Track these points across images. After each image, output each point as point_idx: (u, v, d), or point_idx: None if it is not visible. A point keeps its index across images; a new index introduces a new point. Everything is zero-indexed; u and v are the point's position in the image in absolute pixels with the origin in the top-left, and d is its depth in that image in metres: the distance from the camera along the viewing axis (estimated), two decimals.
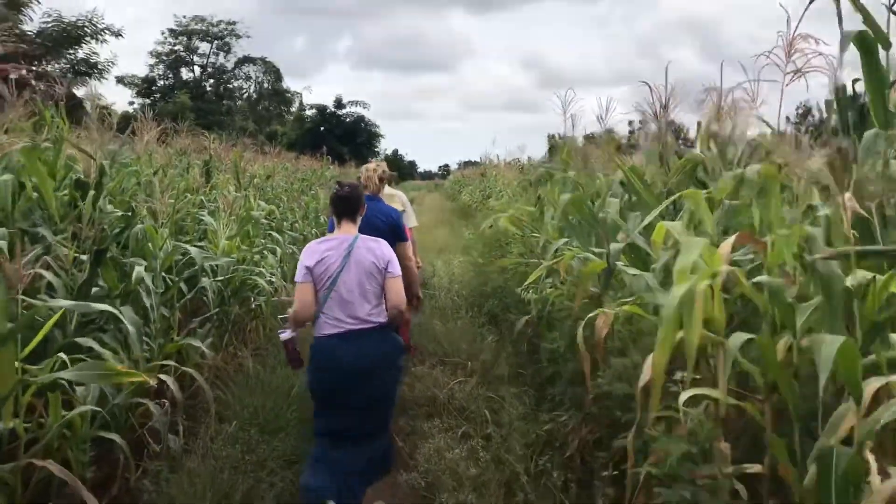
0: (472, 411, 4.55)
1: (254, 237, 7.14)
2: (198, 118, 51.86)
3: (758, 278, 2.76)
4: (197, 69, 56.99)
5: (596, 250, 3.94)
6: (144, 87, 53.92)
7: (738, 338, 2.49)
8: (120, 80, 22.57)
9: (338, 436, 3.61)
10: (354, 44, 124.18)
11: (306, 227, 11.65)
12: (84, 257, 4.70)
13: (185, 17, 55.57)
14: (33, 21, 19.23)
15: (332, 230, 4.44)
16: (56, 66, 20.75)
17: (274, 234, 8.34)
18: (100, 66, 21.67)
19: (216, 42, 57.28)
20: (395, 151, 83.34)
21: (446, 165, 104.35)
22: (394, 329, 3.83)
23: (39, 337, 3.34)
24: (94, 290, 4.73)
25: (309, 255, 3.65)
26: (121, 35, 21.46)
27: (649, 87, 3.54)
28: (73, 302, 3.71)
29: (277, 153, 12.72)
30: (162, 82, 56.09)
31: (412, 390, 5.03)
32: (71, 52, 20.58)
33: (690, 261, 2.63)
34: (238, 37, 56.22)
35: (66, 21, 19.93)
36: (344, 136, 55.06)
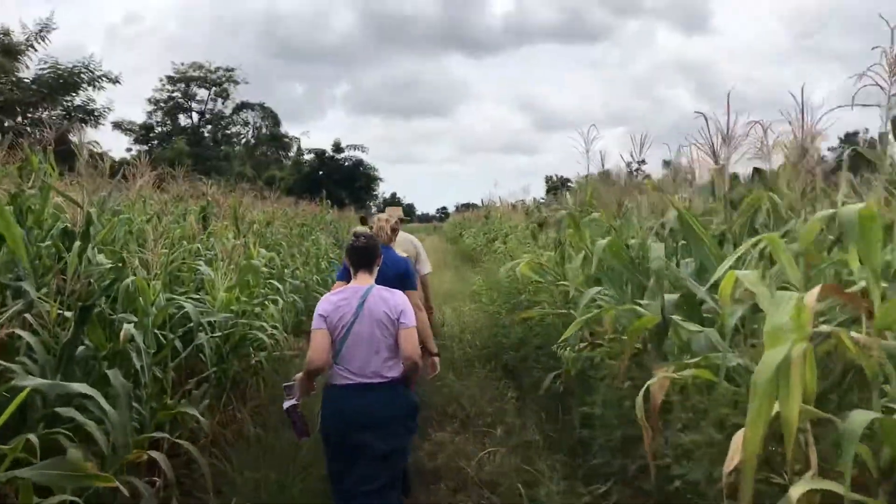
0: (503, 486, 4.04)
1: (254, 287, 6.69)
2: (195, 164, 51.83)
3: (856, 335, 2.33)
4: (195, 115, 57.10)
5: (643, 302, 3.50)
6: (142, 133, 53.95)
7: (860, 417, 2.04)
8: (117, 125, 22.39)
9: (347, 485, 3.57)
10: (352, 89, 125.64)
11: (308, 274, 11.21)
12: (69, 314, 4.26)
13: (183, 64, 55.71)
14: (29, 69, 19.09)
15: (341, 278, 4.50)
16: (52, 112, 20.54)
17: (275, 282, 7.89)
18: (96, 113, 21.45)
19: (214, 88, 57.45)
20: (394, 194, 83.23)
21: (444, 208, 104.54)
22: (408, 383, 3.69)
23: (7, 414, 2.86)
24: (79, 349, 4.29)
25: (324, 304, 3.65)
26: (118, 81, 21.33)
27: (705, 118, 3.14)
28: (43, 381, 3.26)
29: (276, 198, 12.33)
30: (160, 129, 56.15)
31: (433, 460, 4.53)
32: (67, 98, 20.36)
33: (783, 319, 2.20)
34: (236, 83, 56.40)
35: (63, 68, 19.74)
36: (342, 180, 54.90)
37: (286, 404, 3.64)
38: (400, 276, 4.52)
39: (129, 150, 52.04)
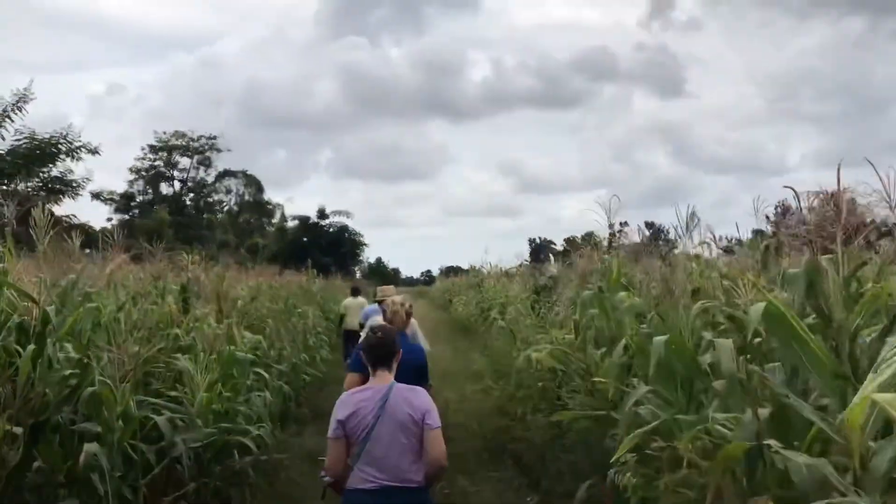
0: None
1: (238, 380, 5.99)
2: (177, 233, 51.22)
3: None
4: (177, 184, 56.65)
5: (720, 416, 2.86)
6: (123, 202, 53.31)
7: None
8: (96, 196, 21.73)
9: None
10: (335, 155, 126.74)
11: (295, 354, 10.47)
12: (18, 430, 3.59)
13: (165, 132, 55.50)
14: (5, 140, 18.50)
15: (355, 369, 4.35)
16: (28, 184, 19.91)
17: (261, 370, 7.16)
18: (74, 184, 20.76)
19: (197, 156, 57.21)
20: (379, 259, 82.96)
21: (429, 271, 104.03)
22: (428, 486, 3.54)
23: None
24: (29, 474, 3.60)
25: (341, 408, 3.47)
26: (97, 152, 20.63)
27: (796, 194, 2.58)
28: None
29: (259, 268, 11.69)
30: (141, 198, 55.61)
31: None
32: (44, 169, 19.72)
33: None
34: (219, 151, 56.09)
35: (40, 139, 19.13)
36: (327, 246, 54.35)
37: (326, 479, 3.51)
38: (419, 370, 4.39)
39: (109, 219, 51.41)
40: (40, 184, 20.26)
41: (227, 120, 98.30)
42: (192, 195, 57.16)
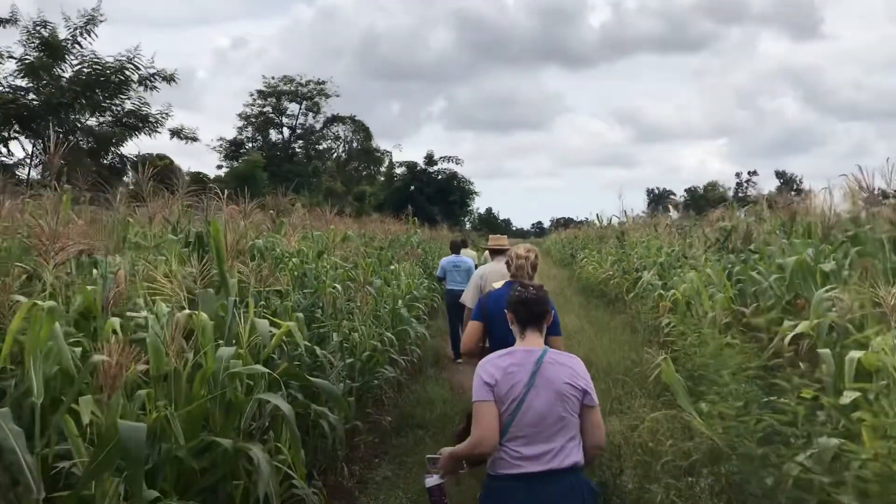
0: None
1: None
2: (285, 180, 49.88)
3: None
4: (286, 131, 55.31)
5: None
6: (232, 150, 52.45)
7: None
8: (176, 133, 19.33)
9: None
10: (448, 105, 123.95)
11: (373, 333, 7.25)
12: None
13: (273, 78, 54.05)
14: (71, 70, 16.22)
15: (477, 317, 4.49)
16: (100, 118, 17.72)
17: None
18: (151, 119, 18.37)
19: (305, 102, 55.59)
20: (489, 210, 79.73)
21: (540, 223, 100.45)
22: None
23: None
24: None
25: (490, 368, 2.96)
26: (174, 79, 18.12)
27: None
28: None
29: (333, 217, 8.50)
30: (250, 144, 54.71)
31: None
32: (115, 102, 17.36)
33: None
34: (327, 96, 54.24)
35: (104, 63, 16.76)
36: (435, 195, 51.13)
37: (429, 482, 3.06)
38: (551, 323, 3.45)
39: (219, 167, 50.72)
40: (112, 118, 17.94)
41: (343, 71, 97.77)
42: (300, 142, 55.73)
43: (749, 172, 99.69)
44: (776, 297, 6.32)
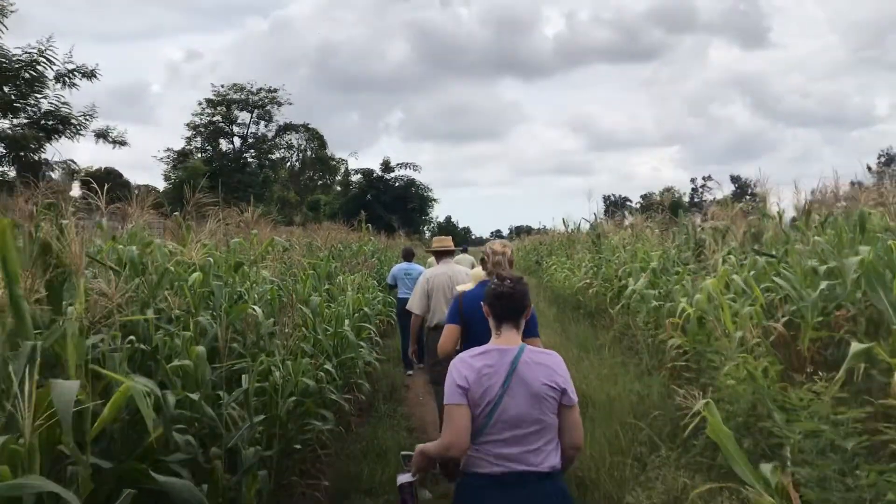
0: None
1: None
2: (236, 191, 47.75)
3: None
4: (237, 140, 53.14)
5: None
6: (179, 160, 50.10)
7: None
8: (101, 135, 17.25)
9: None
10: (405, 116, 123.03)
11: (304, 369, 5.58)
12: None
13: (223, 86, 51.98)
14: None
15: (454, 320, 4.47)
16: (13, 120, 15.63)
17: None
18: (73, 121, 16.29)
19: (256, 111, 53.58)
20: (448, 218, 78.41)
21: (498, 230, 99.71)
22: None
23: None
24: None
25: (463, 369, 2.80)
26: (95, 76, 16.09)
27: None
28: None
29: (257, 221, 6.80)
30: (199, 155, 52.45)
31: None
32: (30, 102, 15.26)
33: None
34: (279, 104, 52.24)
35: (11, 56, 14.67)
36: (393, 202, 49.35)
37: (401, 479, 3.03)
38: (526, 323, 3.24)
39: (167, 178, 48.22)
40: (27, 120, 15.83)
41: (299, 83, 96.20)
42: (252, 151, 53.52)
43: (704, 178, 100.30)
44: (831, 309, 4.87)
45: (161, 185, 43.61)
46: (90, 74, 16.04)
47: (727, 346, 5.84)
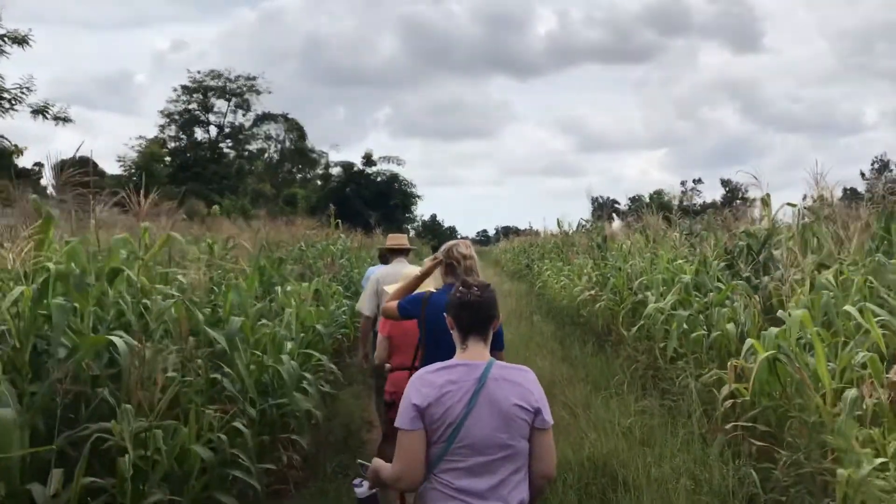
0: None
1: None
2: (210, 183, 45.52)
3: None
4: (213, 129, 50.88)
5: None
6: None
7: None
8: (39, 111, 15.26)
9: None
10: (394, 112, 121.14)
11: (184, 440, 3.66)
12: None
13: (199, 72, 49.73)
14: None
15: (406, 314, 3.90)
16: None
17: None
18: (6, 94, 14.20)
19: (234, 99, 51.36)
20: (434, 217, 76.38)
21: (485, 231, 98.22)
22: None
23: None
24: None
25: (421, 387, 2.44)
26: (27, 42, 13.98)
27: None
28: None
29: (147, 209, 4.86)
30: (173, 144, 50.21)
31: None
32: None
33: None
34: (258, 93, 50.03)
35: None
36: (374, 198, 47.17)
37: (360, 493, 2.75)
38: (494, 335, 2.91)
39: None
40: None
41: (287, 76, 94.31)
42: (229, 141, 51.28)
43: (694, 181, 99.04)
44: None
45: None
46: (21, 41, 13.94)
47: (823, 408, 3.99)
